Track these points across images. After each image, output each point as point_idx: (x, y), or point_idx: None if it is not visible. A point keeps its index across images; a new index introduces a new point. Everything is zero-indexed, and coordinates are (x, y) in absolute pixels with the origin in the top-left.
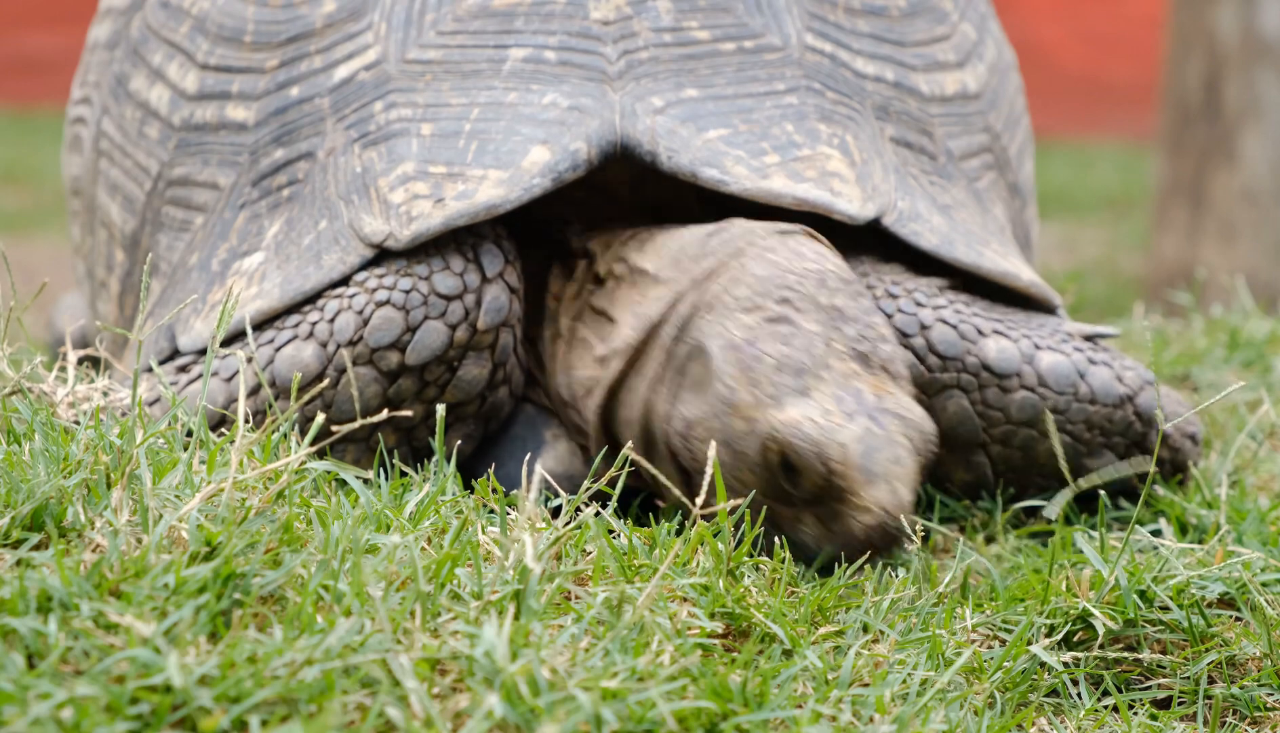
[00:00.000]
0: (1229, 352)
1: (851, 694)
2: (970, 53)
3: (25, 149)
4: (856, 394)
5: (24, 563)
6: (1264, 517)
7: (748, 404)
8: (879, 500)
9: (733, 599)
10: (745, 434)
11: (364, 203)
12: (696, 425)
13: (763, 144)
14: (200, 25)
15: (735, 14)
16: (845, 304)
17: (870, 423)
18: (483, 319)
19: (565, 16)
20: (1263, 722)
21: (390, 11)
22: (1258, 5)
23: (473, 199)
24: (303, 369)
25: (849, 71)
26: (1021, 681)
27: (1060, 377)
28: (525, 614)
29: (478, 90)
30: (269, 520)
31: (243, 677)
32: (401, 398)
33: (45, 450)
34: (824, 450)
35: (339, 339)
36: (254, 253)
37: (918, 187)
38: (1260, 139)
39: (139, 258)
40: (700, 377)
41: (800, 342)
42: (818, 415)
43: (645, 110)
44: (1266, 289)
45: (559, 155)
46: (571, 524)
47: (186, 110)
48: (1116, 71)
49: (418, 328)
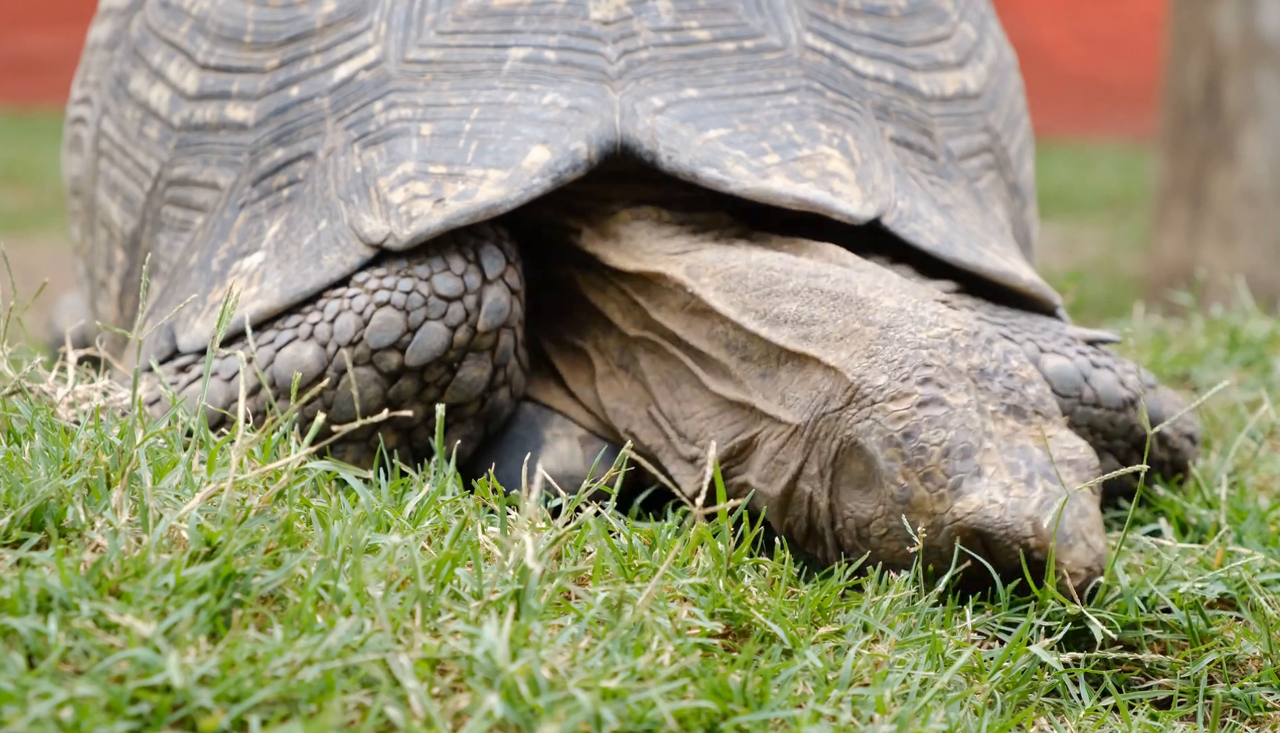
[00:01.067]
0: (1229, 352)
1: (851, 694)
2: (970, 53)
3: (25, 149)
4: (1025, 454)
5: (24, 563)
6: (1264, 517)
7: (927, 500)
8: (1079, 562)
9: (733, 599)
10: (931, 529)
11: (364, 203)
12: (873, 524)
13: (763, 144)
14: (200, 25)
15: (735, 14)
16: (981, 360)
17: (1048, 483)
18: (483, 321)
19: (565, 16)
20: (1263, 722)
21: (390, 11)
22: (1258, 5)
23: (473, 199)
24: (303, 370)
25: (849, 71)
26: (1021, 681)
27: (1065, 380)
28: (525, 614)
29: (478, 90)
30: (269, 520)
31: (243, 677)
32: (402, 399)
33: (45, 450)
34: (1017, 531)
35: (339, 340)
36: (254, 253)
37: (918, 186)
38: (1260, 139)
39: (139, 258)
40: (863, 474)
41: (957, 420)
42: (999, 494)
43: (645, 110)
44: (1266, 289)
45: (559, 155)
46: (571, 524)
47: (186, 110)
48: (1116, 71)
49: (418, 329)
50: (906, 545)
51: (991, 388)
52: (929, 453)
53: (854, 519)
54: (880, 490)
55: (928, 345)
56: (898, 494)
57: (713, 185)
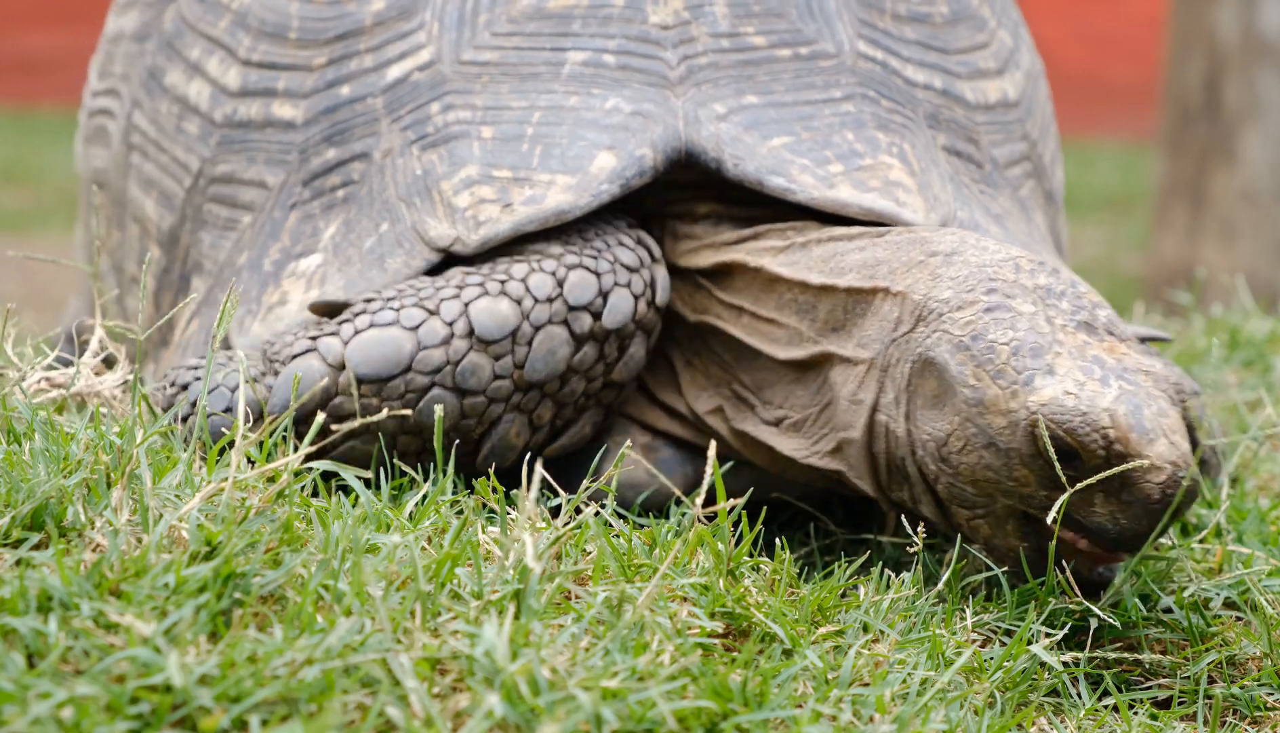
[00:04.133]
0: (1229, 351)
1: (851, 694)
2: (1008, 60)
3: (25, 149)
4: (1099, 361)
5: (24, 563)
6: (1264, 517)
7: (1000, 397)
8: (1163, 455)
9: (733, 599)
10: (1007, 428)
11: (427, 206)
12: (951, 439)
13: (826, 152)
14: (241, 20)
15: (789, 19)
16: (1048, 281)
17: (1124, 383)
18: (660, 295)
19: (623, 20)
20: (1263, 722)
21: (442, 11)
22: (1258, 5)
23: (541, 204)
24: (500, 322)
25: (900, 79)
26: (1021, 681)
27: None
28: (525, 614)
29: (537, 93)
30: (269, 520)
31: (243, 676)
32: (583, 367)
33: (45, 450)
34: (1095, 419)
35: (536, 295)
36: (310, 254)
37: (971, 196)
38: (1260, 139)
39: (177, 255)
40: (936, 391)
41: (1025, 323)
42: (1074, 387)
43: (708, 117)
44: (1266, 289)
45: (625, 162)
46: (571, 524)
47: (229, 106)
48: (1116, 71)
49: (609, 293)
50: (984, 453)
51: (1060, 305)
52: (998, 352)
53: (932, 440)
54: (954, 400)
55: (991, 264)
56: (970, 397)
57: (779, 194)
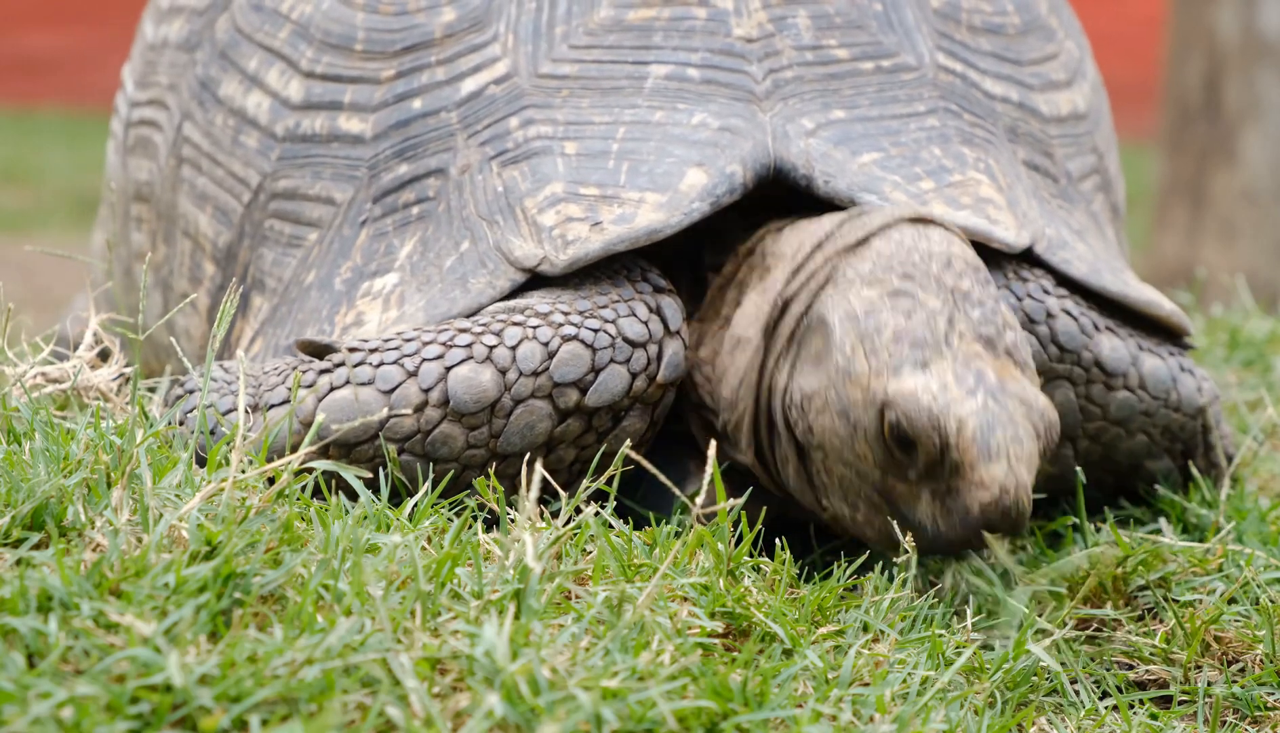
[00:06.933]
0: (1229, 351)
1: (852, 694)
2: (1076, 71)
3: (25, 149)
4: (979, 374)
5: (24, 562)
6: (1264, 516)
7: (864, 373)
8: (996, 478)
9: (733, 599)
10: (861, 404)
11: (510, 224)
12: (814, 397)
13: (915, 169)
14: (303, 31)
15: (870, 31)
16: (970, 288)
17: (990, 400)
18: (662, 372)
19: (707, 33)
20: (1263, 721)
21: (516, 22)
22: (1258, 5)
23: (632, 224)
24: (479, 394)
25: (979, 92)
26: (1021, 681)
27: (1158, 382)
28: (525, 614)
29: (620, 108)
30: (269, 520)
31: (243, 676)
32: (564, 439)
33: (45, 450)
34: (941, 422)
35: (522, 368)
36: (386, 273)
37: (1051, 211)
38: (1260, 139)
39: (234, 271)
40: (820, 349)
41: (921, 317)
42: (935, 387)
43: (797, 132)
44: (1266, 289)
45: (716, 178)
46: (571, 524)
47: (291, 120)
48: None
49: (602, 370)
50: (837, 419)
51: (970, 313)
52: (882, 332)
53: (801, 393)
54: (829, 362)
55: (922, 253)
56: (841, 365)
57: None
